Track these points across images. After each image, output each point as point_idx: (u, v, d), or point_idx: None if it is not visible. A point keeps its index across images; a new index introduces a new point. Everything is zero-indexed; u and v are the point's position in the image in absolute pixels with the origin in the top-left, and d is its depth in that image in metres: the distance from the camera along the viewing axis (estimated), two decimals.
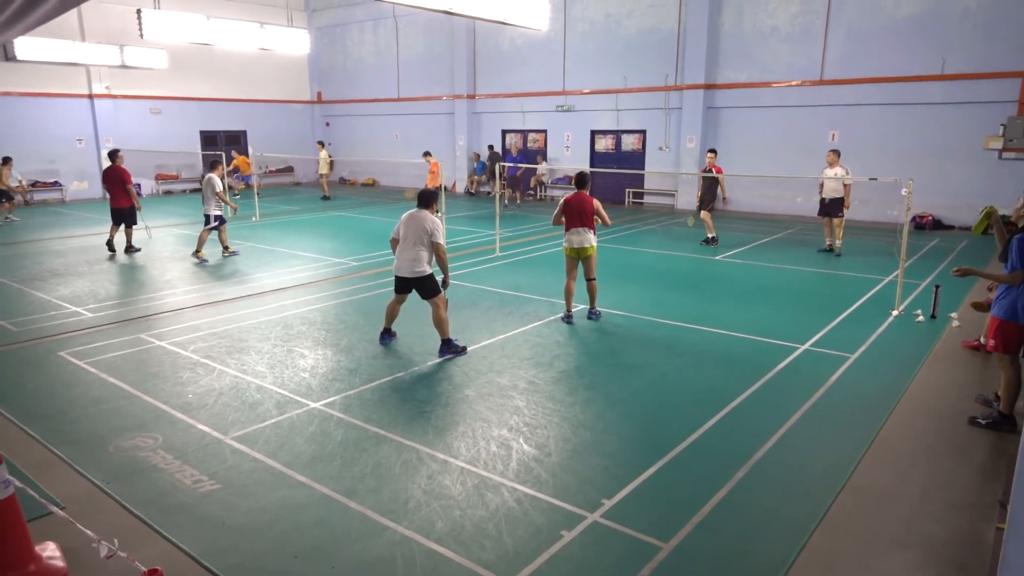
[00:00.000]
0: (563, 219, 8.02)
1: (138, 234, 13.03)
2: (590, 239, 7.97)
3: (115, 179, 12.16)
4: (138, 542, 3.80)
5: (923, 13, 15.27)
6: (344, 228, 16.14)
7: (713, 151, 13.64)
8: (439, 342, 6.99)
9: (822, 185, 12.45)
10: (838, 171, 12.09)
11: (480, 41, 23.11)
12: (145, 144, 22.40)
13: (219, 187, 11.62)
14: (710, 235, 13.28)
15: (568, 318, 8.05)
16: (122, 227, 12.43)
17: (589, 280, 8.13)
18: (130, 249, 12.53)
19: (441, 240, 6.87)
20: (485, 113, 23.69)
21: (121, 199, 12.22)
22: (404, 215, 7.02)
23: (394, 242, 7.06)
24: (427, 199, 7.03)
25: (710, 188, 13.21)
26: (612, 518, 4.02)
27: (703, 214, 13.28)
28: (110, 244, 12.48)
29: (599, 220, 8.07)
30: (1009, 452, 4.86)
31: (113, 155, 12.40)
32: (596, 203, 8.01)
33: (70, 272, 10.96)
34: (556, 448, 4.94)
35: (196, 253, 11.76)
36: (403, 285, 7.03)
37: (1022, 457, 2.11)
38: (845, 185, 12.10)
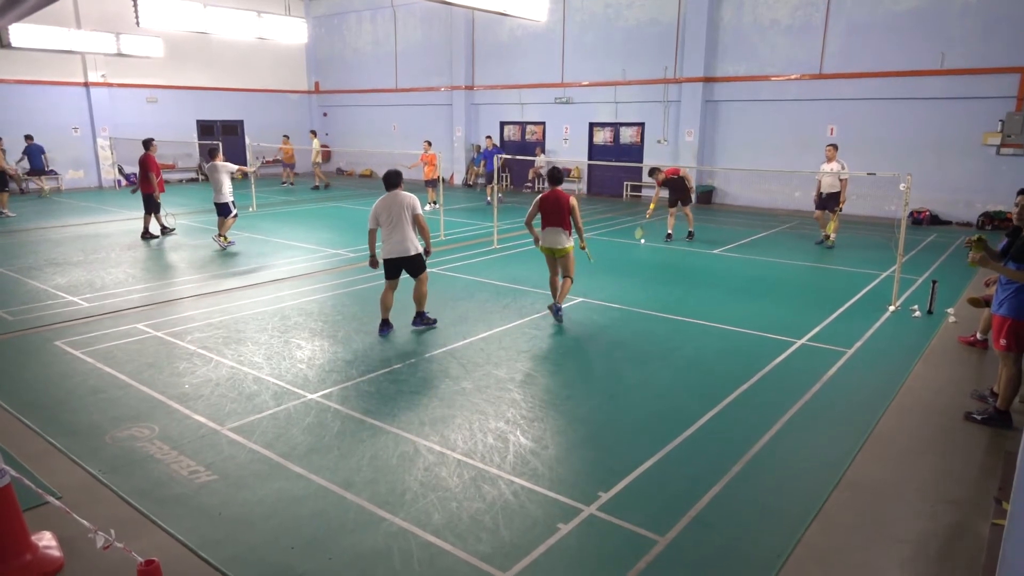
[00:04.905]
0: (539, 217, 7.72)
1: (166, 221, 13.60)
2: (564, 240, 7.61)
3: (140, 166, 13.03)
4: (134, 532, 3.80)
5: (923, 7, 15.23)
6: (341, 219, 16.09)
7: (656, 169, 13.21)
8: (435, 333, 7.02)
9: (820, 180, 12.46)
10: (834, 166, 12.09)
11: (479, 32, 22.99)
12: (141, 133, 22.18)
13: (233, 167, 12.07)
14: (668, 231, 13.19)
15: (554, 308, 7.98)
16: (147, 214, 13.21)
17: (564, 277, 7.87)
18: (146, 235, 13.09)
19: (420, 211, 7.15)
20: (483, 104, 23.60)
21: (144, 186, 13.05)
22: (379, 201, 7.17)
23: (372, 231, 7.22)
24: (393, 180, 7.24)
25: (681, 190, 12.94)
26: (609, 511, 4.03)
27: (671, 211, 13.12)
28: (160, 230, 13.26)
29: (574, 223, 7.61)
30: (1005, 448, 4.87)
31: (146, 144, 13.15)
32: (572, 201, 7.54)
33: (66, 261, 10.92)
34: (553, 441, 4.94)
35: (220, 236, 12.01)
36: (395, 269, 7.27)
37: (1023, 455, 2.11)
38: (841, 180, 12.08)
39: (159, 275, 10.16)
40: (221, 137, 24.34)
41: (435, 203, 16.46)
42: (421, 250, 7.26)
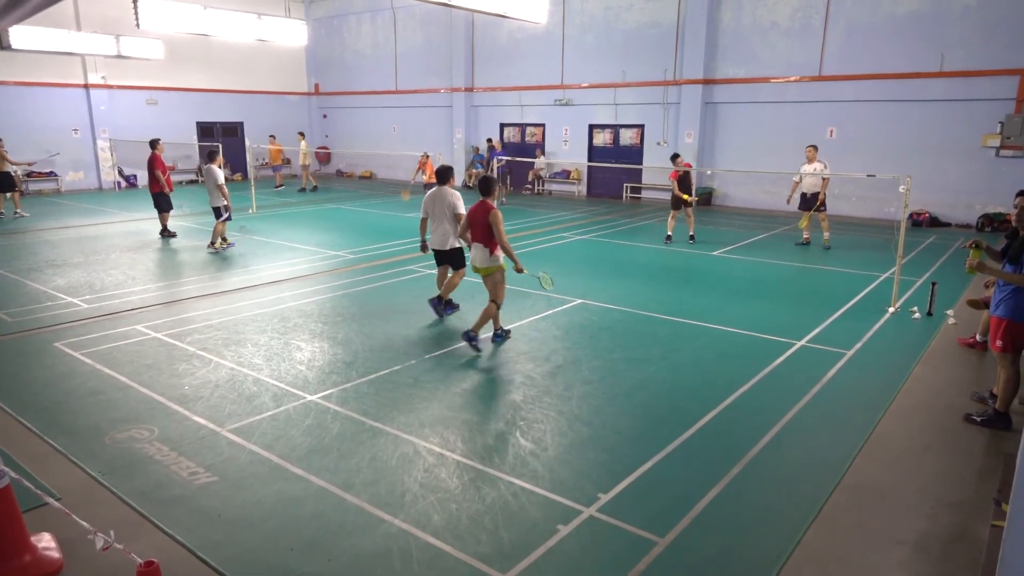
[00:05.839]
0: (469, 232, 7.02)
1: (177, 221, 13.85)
2: (483, 258, 6.82)
3: (148, 166, 13.25)
4: (134, 534, 3.79)
5: (923, 9, 15.25)
6: (341, 221, 16.10)
7: (678, 155, 13.24)
8: (435, 335, 7.08)
9: (797, 182, 12.59)
10: (817, 166, 12.17)
11: (478, 34, 23.02)
12: (141, 135, 22.25)
13: (220, 179, 11.81)
14: (668, 233, 13.22)
15: (494, 336, 7.14)
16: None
17: (490, 301, 6.94)
18: (164, 233, 13.30)
19: (462, 211, 7.55)
20: (483, 106, 23.62)
21: (152, 185, 13.27)
22: (428, 195, 7.79)
23: (423, 220, 7.84)
24: (445, 175, 7.70)
25: (685, 185, 13.06)
26: (608, 513, 4.03)
27: (673, 213, 13.16)
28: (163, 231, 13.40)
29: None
30: (1004, 450, 4.88)
31: (152, 144, 13.38)
32: (493, 216, 6.63)
33: (66, 263, 10.92)
34: (552, 442, 4.94)
35: (212, 245, 11.98)
36: (438, 257, 7.98)
37: (1022, 457, 2.11)
38: (823, 179, 12.16)
39: (158, 277, 10.16)
40: (221, 139, 24.33)
41: None
42: (459, 246, 7.78)
